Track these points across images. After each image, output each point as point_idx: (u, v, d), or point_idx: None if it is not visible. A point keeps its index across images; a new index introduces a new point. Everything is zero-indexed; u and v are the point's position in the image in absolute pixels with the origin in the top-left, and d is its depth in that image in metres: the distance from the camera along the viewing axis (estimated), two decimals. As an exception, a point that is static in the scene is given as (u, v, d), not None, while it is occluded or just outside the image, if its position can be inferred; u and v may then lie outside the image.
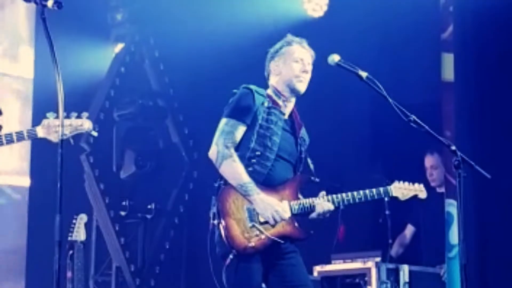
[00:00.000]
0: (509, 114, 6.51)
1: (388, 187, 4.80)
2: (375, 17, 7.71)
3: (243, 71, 7.44)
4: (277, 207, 4.55)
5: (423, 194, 4.93)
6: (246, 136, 4.63)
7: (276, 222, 4.55)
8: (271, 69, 4.82)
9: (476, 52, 6.62)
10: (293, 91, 4.75)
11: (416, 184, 4.92)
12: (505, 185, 6.23)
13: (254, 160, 4.60)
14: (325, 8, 8.41)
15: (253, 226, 4.53)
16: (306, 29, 8.02)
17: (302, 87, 4.75)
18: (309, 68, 4.78)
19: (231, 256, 4.50)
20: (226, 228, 4.50)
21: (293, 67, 4.74)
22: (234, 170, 4.54)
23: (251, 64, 7.78)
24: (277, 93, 4.76)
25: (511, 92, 6.50)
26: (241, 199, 4.55)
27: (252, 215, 4.54)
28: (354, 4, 7.77)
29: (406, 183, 4.87)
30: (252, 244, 4.51)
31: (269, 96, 4.74)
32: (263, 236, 4.54)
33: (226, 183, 4.59)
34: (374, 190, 4.75)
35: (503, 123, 6.52)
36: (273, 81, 4.81)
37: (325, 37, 6.97)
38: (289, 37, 4.83)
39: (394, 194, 4.81)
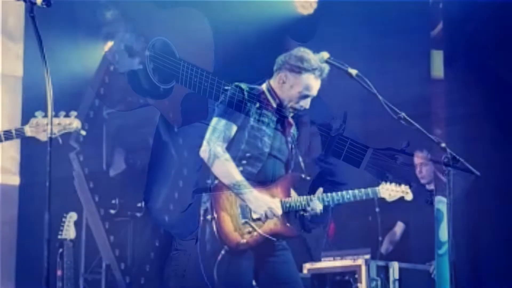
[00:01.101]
0: (498, 111, 6.52)
1: (376, 188, 4.86)
2: (364, 15, 7.71)
3: (233, 68, 7.44)
4: (270, 204, 4.56)
5: (409, 196, 4.97)
6: (236, 137, 4.62)
7: (267, 218, 4.55)
8: (278, 75, 4.73)
9: (465, 49, 6.63)
10: (283, 109, 4.74)
11: (403, 186, 4.96)
12: (495, 182, 6.24)
13: (244, 161, 4.60)
14: (314, 5, 8.40)
15: (246, 222, 4.54)
16: (295, 26, 8.03)
17: (290, 115, 4.76)
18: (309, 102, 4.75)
19: (222, 252, 4.51)
20: (219, 223, 4.51)
21: (296, 100, 4.69)
22: (226, 169, 4.53)
23: (241, 61, 7.79)
24: (273, 94, 4.73)
25: (500, 89, 6.52)
26: (234, 195, 4.55)
27: (245, 211, 4.55)
28: (343, 2, 7.76)
29: (393, 185, 4.91)
30: (245, 240, 4.52)
31: (262, 93, 4.72)
32: (255, 233, 4.54)
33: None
34: (362, 190, 4.80)
35: (493, 120, 6.53)
36: (274, 83, 4.75)
37: (315, 35, 6.96)
38: (313, 62, 4.64)
39: (381, 195, 4.86)
